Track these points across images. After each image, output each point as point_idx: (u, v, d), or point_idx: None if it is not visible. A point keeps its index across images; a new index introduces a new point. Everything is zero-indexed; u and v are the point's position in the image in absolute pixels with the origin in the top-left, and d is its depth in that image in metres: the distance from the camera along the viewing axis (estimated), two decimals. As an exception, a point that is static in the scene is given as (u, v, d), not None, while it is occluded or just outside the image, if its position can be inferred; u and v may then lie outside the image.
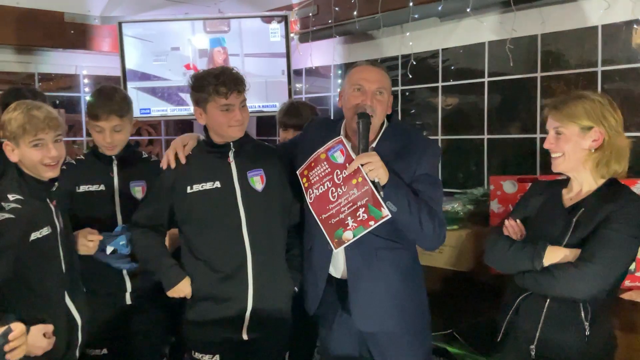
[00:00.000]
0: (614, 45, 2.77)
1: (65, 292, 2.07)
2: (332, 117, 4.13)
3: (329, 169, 2.08)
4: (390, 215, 1.96)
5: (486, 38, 3.25)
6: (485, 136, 3.31)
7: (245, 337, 2.21)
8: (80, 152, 4.01)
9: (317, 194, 2.09)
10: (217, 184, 2.19)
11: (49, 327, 1.91)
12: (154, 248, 2.24)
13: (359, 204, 1.99)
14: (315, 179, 2.11)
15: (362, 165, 1.97)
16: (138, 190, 2.43)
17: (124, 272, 2.38)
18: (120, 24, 4.04)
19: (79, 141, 4.42)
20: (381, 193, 1.95)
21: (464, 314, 2.78)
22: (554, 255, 1.84)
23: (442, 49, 3.48)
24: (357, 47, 3.91)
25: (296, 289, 2.29)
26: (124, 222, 2.36)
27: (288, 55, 3.98)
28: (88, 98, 2.44)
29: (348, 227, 2.00)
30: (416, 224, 2.00)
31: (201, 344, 2.23)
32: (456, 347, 2.68)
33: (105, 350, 2.39)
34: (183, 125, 4.78)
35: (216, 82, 2.09)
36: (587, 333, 1.81)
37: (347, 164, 2.03)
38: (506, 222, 2.04)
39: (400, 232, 2.10)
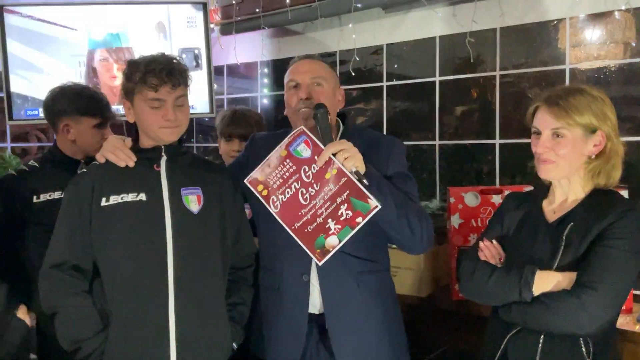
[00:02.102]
0: (582, 40, 2.52)
1: None
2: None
3: (294, 167, 1.73)
4: (379, 206, 1.64)
5: (437, 32, 2.91)
6: (437, 142, 2.97)
7: None
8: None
9: (284, 199, 1.72)
10: (142, 197, 1.73)
11: None
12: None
13: (338, 200, 1.67)
14: (277, 183, 1.73)
15: (334, 155, 1.66)
16: None
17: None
18: (0, 7, 3.37)
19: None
20: (364, 181, 1.64)
21: (423, 344, 2.46)
22: (545, 282, 1.55)
23: (387, 44, 3.11)
24: (289, 41, 3.46)
25: (235, 345, 1.84)
26: None
27: (208, 50, 3.46)
28: None
29: (331, 232, 1.68)
30: (404, 221, 1.74)
31: None
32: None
33: None
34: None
35: (145, 71, 1.71)
36: None
37: (315, 157, 1.70)
38: (481, 244, 1.74)
39: (379, 250, 1.90)
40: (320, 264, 1.70)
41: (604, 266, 1.50)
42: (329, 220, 1.68)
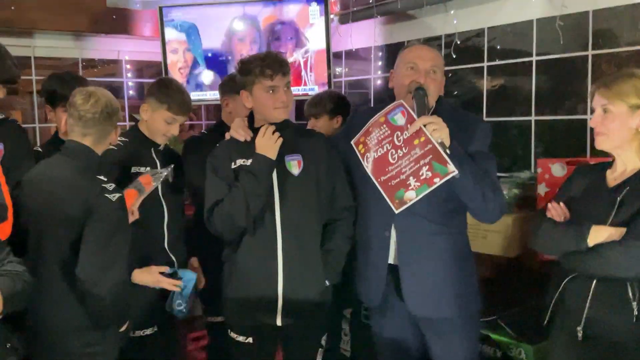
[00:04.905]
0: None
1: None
2: (372, 101, 4.10)
3: (389, 132, 2.03)
4: (456, 172, 1.88)
5: (534, 15, 3.12)
6: (533, 118, 3.20)
7: (279, 322, 2.20)
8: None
9: (376, 156, 2.05)
10: None
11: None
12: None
13: (421, 162, 1.93)
14: (373, 142, 2.06)
15: (424, 125, 1.93)
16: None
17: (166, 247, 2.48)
18: (160, 8, 4.02)
19: (121, 127, 4.43)
20: (447, 150, 1.90)
21: (509, 300, 2.74)
22: (598, 234, 1.81)
23: (488, 28, 3.36)
24: (399, 27, 3.81)
25: (327, 283, 2.25)
26: (168, 209, 2.46)
27: (327, 38, 3.90)
28: (161, 86, 2.50)
29: (410, 187, 1.95)
30: (479, 192, 1.99)
31: (236, 324, 2.27)
32: (500, 334, 2.63)
33: (154, 329, 2.47)
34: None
35: (262, 65, 2.14)
36: (636, 313, 1.77)
37: (408, 125, 1.98)
38: (549, 204, 2.01)
39: (454, 215, 2.11)
40: (396, 212, 1.99)
41: None
42: (411, 177, 1.94)
